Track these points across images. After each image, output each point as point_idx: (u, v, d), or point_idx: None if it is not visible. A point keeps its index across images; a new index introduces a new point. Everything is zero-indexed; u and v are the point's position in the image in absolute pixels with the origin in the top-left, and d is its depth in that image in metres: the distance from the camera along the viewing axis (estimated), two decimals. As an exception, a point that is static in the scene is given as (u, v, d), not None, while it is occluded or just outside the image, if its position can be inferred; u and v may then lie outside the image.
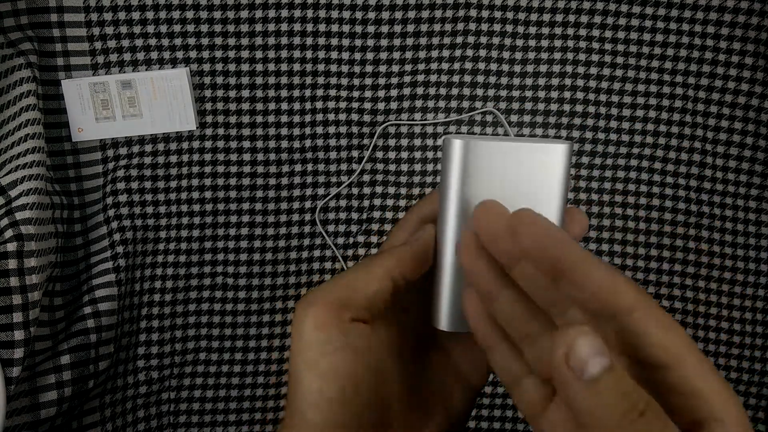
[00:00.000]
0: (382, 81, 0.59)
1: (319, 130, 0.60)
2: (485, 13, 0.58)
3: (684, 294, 0.62)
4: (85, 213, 0.57)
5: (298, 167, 0.60)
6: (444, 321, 0.25)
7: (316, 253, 0.62)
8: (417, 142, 0.61)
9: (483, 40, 0.59)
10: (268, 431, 0.63)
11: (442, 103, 0.60)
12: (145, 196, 0.58)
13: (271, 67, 0.58)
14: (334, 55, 0.58)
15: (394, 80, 0.59)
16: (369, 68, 0.59)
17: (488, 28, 0.59)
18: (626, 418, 0.18)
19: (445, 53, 0.59)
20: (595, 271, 0.20)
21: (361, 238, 0.62)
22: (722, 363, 0.63)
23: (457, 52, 0.59)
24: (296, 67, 0.58)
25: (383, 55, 0.58)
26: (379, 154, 0.61)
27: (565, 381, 0.18)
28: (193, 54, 0.57)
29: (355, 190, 0.61)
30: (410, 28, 0.58)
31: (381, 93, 0.59)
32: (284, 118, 0.59)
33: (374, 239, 0.62)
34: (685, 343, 0.19)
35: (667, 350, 0.19)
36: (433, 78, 0.60)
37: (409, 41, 0.58)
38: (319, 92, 0.59)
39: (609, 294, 0.20)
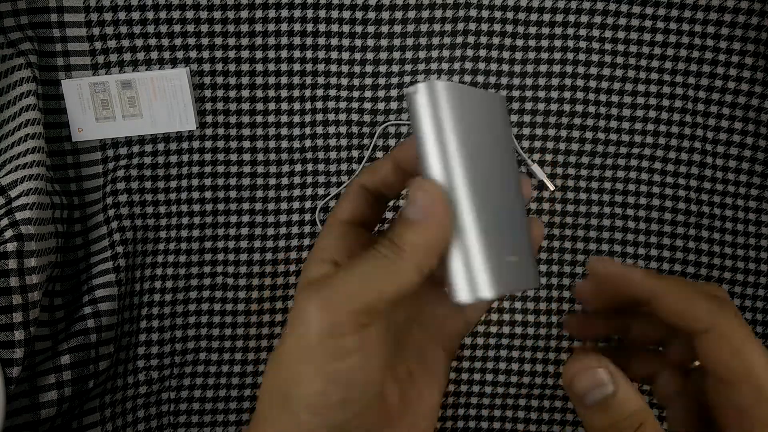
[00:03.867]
0: (382, 81, 0.59)
1: (319, 130, 0.60)
2: (485, 13, 0.58)
3: (684, 294, 0.62)
4: (85, 213, 0.57)
5: (298, 167, 0.60)
6: (465, 291, 0.22)
7: (316, 253, 0.62)
8: (417, 142, 0.61)
9: (483, 40, 0.59)
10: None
11: (442, 103, 0.60)
12: (145, 196, 0.58)
13: (271, 67, 0.58)
14: (334, 55, 0.58)
15: (394, 80, 0.59)
16: (369, 68, 0.59)
17: (488, 28, 0.59)
18: None
19: (445, 53, 0.59)
20: (670, 296, 0.22)
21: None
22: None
23: (457, 52, 0.59)
24: (296, 67, 0.58)
25: (383, 55, 0.58)
26: (379, 154, 0.61)
27: (572, 398, 0.21)
28: (193, 54, 0.57)
29: (355, 190, 0.61)
30: (410, 28, 0.58)
31: (381, 93, 0.59)
32: (284, 118, 0.59)
33: (374, 239, 0.62)
34: (751, 369, 0.21)
35: (731, 372, 0.21)
36: (433, 78, 0.60)
37: (409, 41, 0.58)
38: (319, 92, 0.59)
39: (684, 319, 0.22)
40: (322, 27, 0.57)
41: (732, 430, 0.21)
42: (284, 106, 0.59)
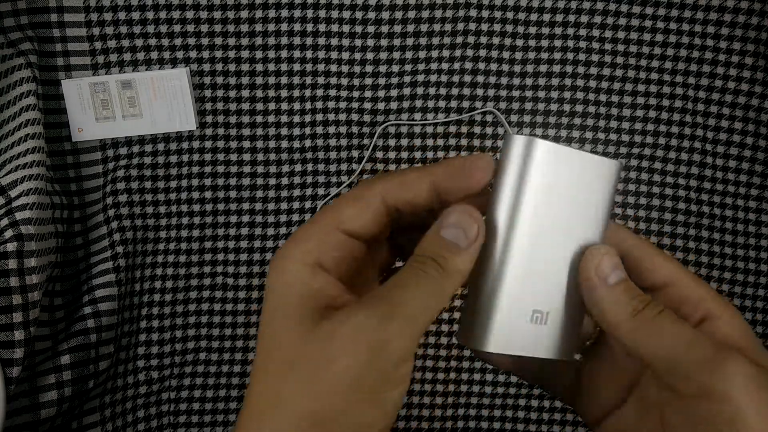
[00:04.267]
0: (382, 81, 0.59)
1: (319, 130, 0.60)
2: (485, 13, 0.59)
3: (684, 294, 0.62)
4: (85, 213, 0.57)
5: (298, 167, 0.60)
6: (490, 341, 0.23)
7: (316, 253, 0.62)
8: (417, 142, 0.61)
9: (483, 40, 0.59)
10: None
11: (442, 103, 0.60)
12: (145, 196, 0.58)
13: (271, 67, 0.58)
14: (334, 55, 0.58)
15: (394, 80, 0.59)
16: (369, 68, 0.59)
17: (488, 28, 0.59)
18: (635, 310, 0.23)
19: (445, 53, 0.59)
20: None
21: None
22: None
23: (457, 52, 0.59)
24: (296, 67, 0.58)
25: (383, 55, 0.58)
26: (379, 154, 0.61)
27: (593, 286, 0.24)
28: (193, 54, 0.57)
29: (355, 190, 0.61)
30: (410, 28, 0.58)
31: (381, 93, 0.59)
32: (284, 118, 0.59)
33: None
34: (681, 267, 0.25)
35: (671, 272, 0.25)
36: (433, 78, 0.60)
37: (409, 41, 0.58)
38: (319, 92, 0.59)
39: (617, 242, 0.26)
40: (322, 27, 0.57)
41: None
42: (284, 106, 0.59)
